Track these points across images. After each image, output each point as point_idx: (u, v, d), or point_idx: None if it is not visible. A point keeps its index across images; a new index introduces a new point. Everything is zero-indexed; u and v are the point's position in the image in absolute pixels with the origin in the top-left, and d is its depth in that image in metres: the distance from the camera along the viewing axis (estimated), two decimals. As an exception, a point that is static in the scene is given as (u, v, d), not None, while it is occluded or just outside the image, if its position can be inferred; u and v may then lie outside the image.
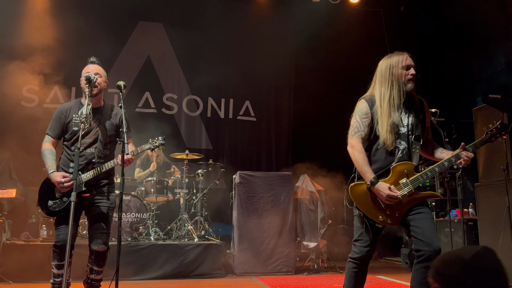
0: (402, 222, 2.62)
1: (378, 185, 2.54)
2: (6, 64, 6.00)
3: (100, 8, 6.99)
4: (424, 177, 2.60)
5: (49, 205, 3.10)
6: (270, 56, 8.00)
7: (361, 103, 2.72)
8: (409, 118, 2.68)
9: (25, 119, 6.18)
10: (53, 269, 3.10)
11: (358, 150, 2.63)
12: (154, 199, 5.73)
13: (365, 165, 2.60)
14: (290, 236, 5.68)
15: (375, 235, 2.65)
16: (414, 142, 2.66)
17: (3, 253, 4.76)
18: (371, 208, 2.60)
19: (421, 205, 2.61)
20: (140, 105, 7.54)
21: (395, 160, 2.62)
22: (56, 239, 3.08)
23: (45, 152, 3.16)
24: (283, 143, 8.11)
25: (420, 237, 2.50)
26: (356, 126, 2.68)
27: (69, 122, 3.21)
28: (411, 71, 2.69)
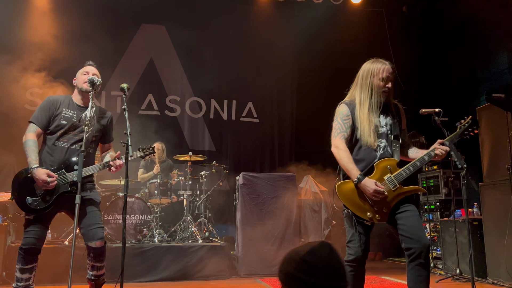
0: (389, 221, 2.68)
1: (365, 181, 2.61)
2: (9, 68, 6.03)
3: (103, 11, 7.02)
4: (407, 171, 2.69)
5: (28, 202, 2.94)
6: (272, 57, 8.01)
7: (341, 107, 2.84)
8: (386, 119, 2.81)
9: (28, 122, 6.19)
10: (16, 272, 2.97)
11: (342, 149, 2.72)
12: (158, 201, 5.74)
13: (350, 163, 2.69)
14: (294, 237, 5.67)
15: (367, 233, 2.71)
16: (393, 141, 2.78)
17: (8, 255, 4.78)
18: (359, 205, 2.66)
19: (407, 203, 2.68)
20: (143, 107, 7.56)
21: (377, 157, 2.72)
22: (24, 241, 2.94)
23: (28, 143, 2.97)
24: (286, 144, 8.10)
25: (408, 235, 2.55)
26: (338, 128, 2.79)
27: (57, 115, 3.08)
28: (388, 85, 2.78)
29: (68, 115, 3.09)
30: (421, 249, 2.49)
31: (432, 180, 6.40)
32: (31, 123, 3.05)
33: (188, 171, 6.03)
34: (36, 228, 2.95)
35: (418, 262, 2.50)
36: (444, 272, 5.57)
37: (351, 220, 2.69)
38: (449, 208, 6.05)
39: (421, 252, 2.49)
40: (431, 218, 6.17)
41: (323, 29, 7.66)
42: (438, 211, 6.11)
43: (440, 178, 6.25)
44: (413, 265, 2.52)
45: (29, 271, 2.96)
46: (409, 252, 2.53)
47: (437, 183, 6.29)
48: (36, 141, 3.00)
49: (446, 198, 6.14)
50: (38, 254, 2.98)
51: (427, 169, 6.59)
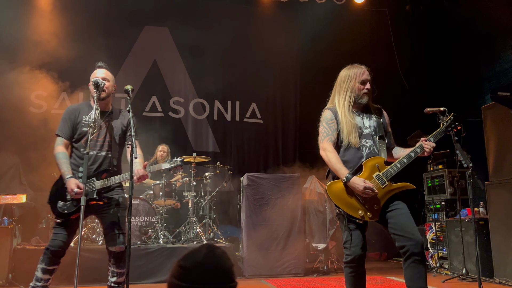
0: (380, 220, 2.70)
1: (353, 179, 2.65)
2: (14, 70, 6.07)
3: (106, 13, 7.05)
4: (395, 169, 2.73)
5: (58, 206, 3.07)
6: (275, 58, 8.01)
7: (325, 112, 2.92)
8: (370, 121, 2.88)
9: (34, 125, 6.25)
10: (37, 271, 3.02)
11: (330, 151, 2.78)
12: (162, 203, 5.75)
13: (338, 163, 2.73)
14: (299, 237, 5.65)
15: (361, 232, 2.73)
16: (379, 141, 2.84)
17: (14, 258, 4.80)
18: (349, 204, 2.69)
19: (397, 202, 2.70)
20: (147, 109, 7.58)
21: (364, 157, 2.77)
22: (51, 243, 3.03)
23: (59, 156, 3.10)
24: (290, 144, 8.10)
25: (401, 233, 2.57)
26: (324, 131, 2.86)
27: (78, 123, 3.18)
28: (367, 86, 2.87)
29: (88, 121, 3.15)
30: (415, 246, 2.50)
31: (437, 179, 6.37)
32: (58, 136, 3.16)
33: (192, 172, 6.04)
34: (64, 231, 3.05)
35: (413, 259, 2.52)
36: (451, 272, 5.54)
37: (343, 220, 2.72)
38: (455, 207, 6.02)
39: (415, 249, 2.50)
40: (437, 218, 6.14)
41: (326, 29, 7.66)
42: (443, 211, 6.08)
43: (445, 178, 6.21)
44: (409, 262, 2.54)
45: (50, 272, 3.05)
46: (403, 250, 2.54)
47: (442, 183, 6.26)
48: (65, 152, 3.13)
49: (451, 198, 6.10)
50: (62, 257, 3.07)
51: (432, 169, 6.56)
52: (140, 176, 3.03)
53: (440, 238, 5.95)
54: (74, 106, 3.30)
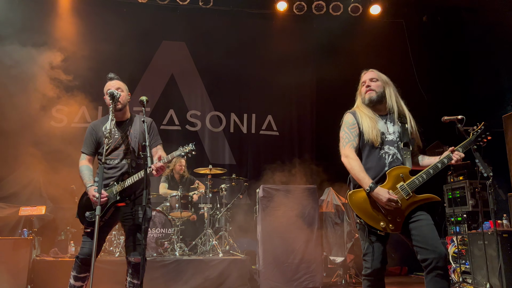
0: (403, 231, 2.60)
1: (377, 189, 2.56)
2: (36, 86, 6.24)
3: (125, 29, 7.21)
4: (420, 179, 2.63)
5: (86, 215, 3.17)
6: (291, 70, 8.03)
7: (346, 116, 2.85)
8: (394, 126, 2.78)
9: (54, 138, 6.39)
10: (70, 279, 3.17)
11: (352, 158, 2.70)
12: (179, 215, 5.76)
13: (362, 171, 2.64)
14: (316, 250, 5.56)
15: (382, 244, 2.63)
16: (403, 149, 2.73)
17: (33, 269, 4.87)
18: (371, 215, 2.60)
19: (420, 212, 2.60)
20: (164, 122, 7.68)
21: (386, 165, 2.68)
22: (80, 251, 3.16)
23: (82, 169, 3.27)
24: (306, 156, 8.04)
25: (423, 245, 2.47)
26: (346, 137, 2.77)
27: (100, 137, 3.31)
28: (366, 84, 2.86)
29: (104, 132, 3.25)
30: (438, 259, 2.40)
31: (458, 191, 6.21)
32: (82, 153, 3.34)
33: (208, 184, 6.05)
34: (91, 240, 3.09)
35: (436, 273, 2.41)
36: (474, 287, 5.35)
37: (364, 231, 2.63)
38: (477, 220, 5.85)
39: (438, 262, 2.40)
40: (458, 230, 5.96)
41: (342, 42, 7.65)
42: (465, 224, 5.91)
43: (466, 189, 6.05)
44: (431, 276, 2.43)
45: (82, 279, 3.16)
46: (426, 263, 2.44)
47: (463, 194, 6.10)
48: (88, 165, 3.30)
49: (473, 210, 5.93)
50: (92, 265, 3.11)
51: (452, 180, 6.40)
52: (157, 168, 3.07)
53: (462, 251, 5.77)
54: (95, 122, 3.43)
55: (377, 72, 2.93)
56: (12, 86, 6.21)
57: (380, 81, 2.86)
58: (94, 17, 7.30)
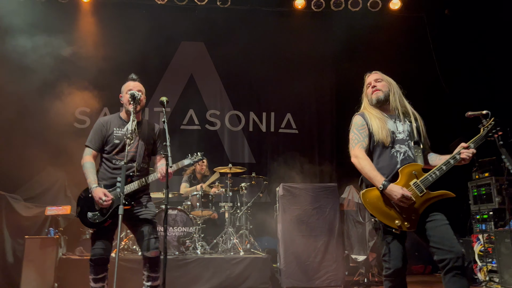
0: (418, 231, 2.57)
1: (391, 186, 2.54)
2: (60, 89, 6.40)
3: (144, 31, 7.29)
4: (433, 176, 2.61)
5: (88, 216, 3.16)
6: (310, 67, 7.98)
7: (355, 118, 2.87)
8: (403, 125, 2.78)
9: (78, 140, 6.52)
10: (90, 282, 3.19)
11: (362, 158, 2.69)
12: (200, 213, 5.80)
13: (373, 170, 2.63)
14: (338, 249, 5.52)
15: (400, 243, 2.61)
16: (414, 147, 2.73)
17: (60, 267, 4.99)
18: (386, 213, 2.58)
19: (436, 212, 2.57)
20: (184, 122, 7.76)
21: (398, 163, 2.66)
22: (92, 253, 3.16)
23: (86, 165, 3.21)
24: (327, 154, 7.99)
25: (439, 245, 2.45)
26: (355, 138, 2.78)
27: (110, 135, 3.27)
28: (371, 85, 2.89)
29: (119, 133, 3.25)
30: (455, 259, 2.38)
31: (483, 188, 6.05)
32: (87, 146, 3.27)
33: (228, 183, 6.08)
34: (100, 240, 3.15)
35: (454, 273, 2.39)
36: (501, 286, 5.21)
37: (380, 231, 2.62)
38: (504, 217, 5.68)
39: (455, 262, 2.37)
40: (484, 228, 5.81)
41: (361, 37, 7.54)
42: (492, 221, 5.75)
43: (492, 186, 5.89)
44: (449, 276, 2.40)
45: (101, 280, 3.18)
46: (443, 264, 2.42)
47: (489, 191, 5.93)
48: (92, 162, 3.23)
49: (500, 207, 5.76)
50: (107, 263, 3.18)
51: (477, 177, 6.24)
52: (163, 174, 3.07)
53: (488, 250, 5.63)
54: (104, 118, 3.40)
55: (380, 73, 2.97)
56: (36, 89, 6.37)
57: (384, 81, 2.89)
58: (114, 19, 7.42)
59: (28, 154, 6.05)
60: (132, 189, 3.18)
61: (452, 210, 2.72)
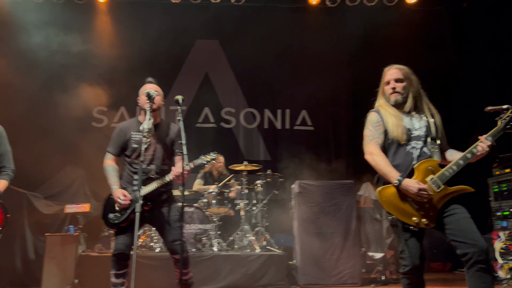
0: (437, 226, 2.52)
1: (406, 181, 2.50)
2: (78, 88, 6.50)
3: (159, 30, 7.34)
4: (450, 171, 2.55)
5: (109, 217, 3.30)
6: (325, 64, 7.91)
7: (371, 115, 2.81)
8: (420, 122, 2.72)
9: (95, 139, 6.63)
10: (112, 278, 3.28)
11: (377, 154, 2.65)
12: (216, 210, 5.83)
13: (388, 165, 2.59)
14: (354, 246, 5.48)
15: (418, 240, 2.57)
16: (431, 142, 2.67)
17: (80, 264, 5.10)
18: (403, 210, 2.53)
19: (455, 205, 2.51)
20: (200, 120, 7.81)
21: (414, 160, 2.62)
22: (114, 247, 3.29)
23: (107, 169, 3.36)
24: (343, 151, 7.92)
25: (462, 239, 2.39)
26: (370, 135, 2.73)
27: (128, 140, 3.36)
28: (391, 85, 2.80)
29: (137, 137, 3.33)
30: (479, 253, 2.31)
31: (504, 184, 5.90)
32: (107, 152, 3.42)
33: (243, 180, 6.09)
34: (122, 236, 3.25)
35: (478, 268, 2.32)
36: (524, 284, 5.09)
37: (398, 228, 2.58)
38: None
39: (479, 256, 2.31)
40: (506, 225, 5.68)
41: (378, 32, 7.44)
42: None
43: (516, 180, 5.75)
44: (473, 271, 2.34)
45: (122, 276, 3.27)
46: (466, 258, 2.36)
47: (510, 188, 5.79)
48: (113, 166, 3.37)
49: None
50: (128, 259, 3.25)
51: (498, 173, 6.10)
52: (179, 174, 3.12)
53: (510, 247, 5.50)
54: (124, 123, 3.51)
55: (401, 69, 2.85)
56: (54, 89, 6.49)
57: (405, 80, 2.79)
58: (130, 19, 7.49)
59: (47, 153, 6.17)
60: (150, 190, 3.25)
61: (472, 206, 2.65)
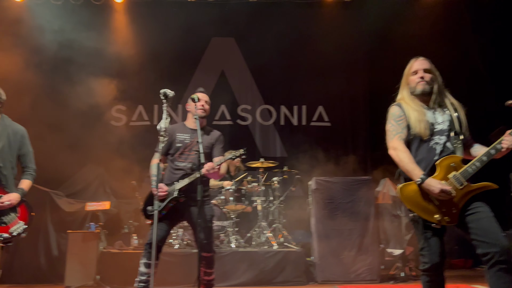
0: (459, 224, 2.48)
1: (428, 181, 2.46)
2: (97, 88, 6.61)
3: (176, 28, 7.39)
4: (473, 167, 2.50)
5: (148, 209, 3.56)
6: (342, 59, 7.83)
7: (392, 109, 2.76)
8: (443, 116, 2.66)
9: (115, 137, 6.76)
10: (140, 267, 3.43)
11: (401, 150, 2.60)
12: (233, 207, 5.86)
13: (411, 162, 2.55)
14: (373, 243, 5.44)
15: (439, 238, 2.53)
16: (454, 137, 2.61)
17: (101, 260, 5.21)
18: (425, 208, 2.50)
19: (478, 203, 2.46)
20: (216, 117, 7.85)
21: (437, 155, 2.56)
22: (148, 237, 3.42)
23: (152, 167, 3.62)
24: (360, 147, 7.85)
25: (483, 238, 2.35)
26: (393, 129, 2.68)
27: (173, 140, 3.63)
28: (419, 74, 2.74)
29: (181, 138, 3.65)
30: (500, 253, 2.27)
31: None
32: (155, 151, 3.64)
33: (260, 177, 6.10)
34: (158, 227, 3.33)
35: (499, 268, 2.28)
36: (549, 282, 4.96)
37: (418, 225, 2.54)
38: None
39: (500, 256, 2.27)
40: (530, 221, 5.55)
41: (396, 26, 7.32)
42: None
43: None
44: (494, 271, 2.30)
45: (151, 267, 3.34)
46: (487, 257, 2.32)
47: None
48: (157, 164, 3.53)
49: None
50: (159, 252, 3.46)
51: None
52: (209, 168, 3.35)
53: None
54: (170, 126, 3.70)
55: (429, 61, 2.81)
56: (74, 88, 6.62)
57: (432, 72, 2.75)
58: (146, 19, 7.57)
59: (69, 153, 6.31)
60: (185, 183, 3.48)
61: (494, 202, 2.60)
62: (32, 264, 5.51)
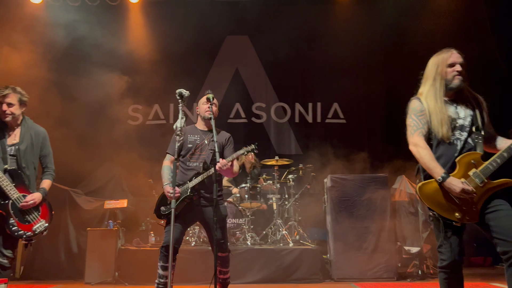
0: (480, 222, 2.43)
1: (450, 179, 2.42)
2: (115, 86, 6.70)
3: (190, 28, 7.45)
4: (494, 164, 2.45)
5: (161, 210, 3.63)
6: (357, 55, 7.77)
7: (413, 103, 2.68)
8: (466, 111, 2.59)
9: (132, 136, 6.84)
10: (158, 269, 3.46)
11: (422, 146, 2.55)
12: (249, 205, 5.89)
13: (432, 160, 2.50)
14: (389, 240, 5.41)
15: (458, 236, 2.49)
16: (475, 133, 2.54)
17: (119, 257, 5.30)
18: (445, 206, 2.46)
19: (499, 201, 2.41)
20: (231, 116, 7.88)
21: (457, 152, 2.51)
22: (164, 239, 3.46)
23: (163, 168, 3.68)
24: (376, 143, 7.78)
25: (502, 237, 2.31)
26: (414, 125, 2.61)
27: (184, 141, 3.68)
28: (456, 68, 2.62)
29: (192, 139, 3.70)
30: None
31: None
32: (167, 153, 3.73)
33: (275, 175, 6.11)
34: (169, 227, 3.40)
35: None
36: None
37: (438, 223, 2.49)
38: None
39: None
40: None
41: (412, 21, 7.23)
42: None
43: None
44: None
45: (168, 269, 3.38)
46: (507, 256, 2.29)
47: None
48: (169, 166, 3.69)
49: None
50: (176, 253, 3.48)
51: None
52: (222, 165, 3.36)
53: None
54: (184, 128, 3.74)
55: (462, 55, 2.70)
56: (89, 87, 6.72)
57: (464, 67, 2.65)
58: (161, 18, 7.66)
59: (88, 151, 6.42)
60: (197, 182, 3.52)
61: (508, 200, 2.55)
62: (53, 261, 5.64)
